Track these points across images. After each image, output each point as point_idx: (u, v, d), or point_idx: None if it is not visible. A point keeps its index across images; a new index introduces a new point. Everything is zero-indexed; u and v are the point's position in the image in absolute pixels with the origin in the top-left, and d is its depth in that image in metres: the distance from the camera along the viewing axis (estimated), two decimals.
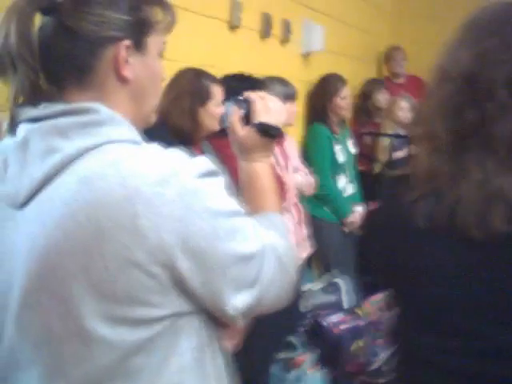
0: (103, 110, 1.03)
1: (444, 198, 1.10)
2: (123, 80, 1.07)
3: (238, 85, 2.85)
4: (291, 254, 1.16)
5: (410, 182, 1.16)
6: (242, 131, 1.32)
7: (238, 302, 1.03)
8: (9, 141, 1.06)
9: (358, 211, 4.29)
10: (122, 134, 1.03)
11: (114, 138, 1.01)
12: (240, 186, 1.29)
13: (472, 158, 1.10)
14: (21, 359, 1.04)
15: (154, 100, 1.16)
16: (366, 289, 4.04)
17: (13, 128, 1.06)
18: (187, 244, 0.97)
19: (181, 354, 1.03)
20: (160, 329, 1.00)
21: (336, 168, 4.24)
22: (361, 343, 3.64)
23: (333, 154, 4.23)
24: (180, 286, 0.99)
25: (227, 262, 1.01)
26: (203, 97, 2.68)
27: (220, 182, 1.06)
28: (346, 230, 4.25)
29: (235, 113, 1.33)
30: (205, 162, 1.04)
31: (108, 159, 0.98)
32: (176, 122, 2.62)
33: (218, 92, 2.72)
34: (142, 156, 1.00)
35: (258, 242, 1.06)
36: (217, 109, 2.64)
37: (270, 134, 1.30)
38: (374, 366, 3.75)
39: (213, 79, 2.75)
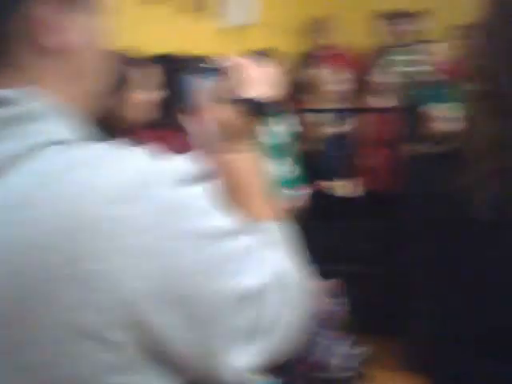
0: (24, 98, 0.73)
1: None
2: (50, 51, 0.75)
3: (174, 65, 2.54)
4: (300, 280, 0.88)
5: (460, 160, 0.91)
6: (214, 111, 1.00)
7: (240, 359, 0.76)
8: None
9: (302, 194, 4.11)
10: (57, 131, 0.74)
11: (45, 140, 0.71)
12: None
13: None
14: None
15: (98, 75, 0.84)
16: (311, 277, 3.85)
17: None
18: (164, 288, 0.69)
19: None
20: None
21: (276, 150, 4.00)
22: (316, 340, 3.47)
23: (271, 136, 3.98)
24: (156, 353, 0.70)
25: (222, 306, 0.74)
26: (120, 83, 2.35)
27: (206, 189, 0.77)
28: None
29: (206, 88, 1.00)
30: (183, 163, 0.76)
31: (38, 174, 0.68)
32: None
33: (136, 76, 2.41)
34: (91, 162, 0.70)
35: (259, 272, 0.79)
36: (137, 95, 2.35)
37: (259, 111, 0.98)
38: (331, 361, 3.59)
39: (129, 61, 2.42)
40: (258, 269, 0.79)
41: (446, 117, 4.09)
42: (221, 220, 0.77)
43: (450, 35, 4.79)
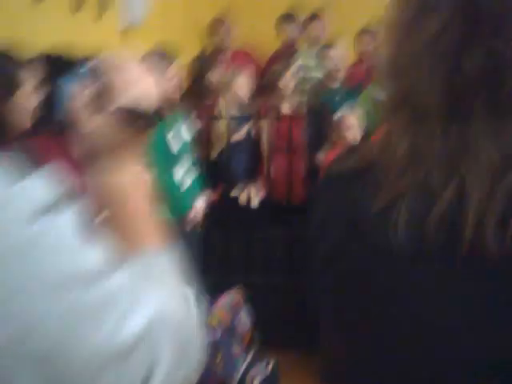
0: None
1: (437, 197, 0.78)
2: None
3: (62, 67, 2.35)
4: (191, 320, 0.78)
5: (373, 178, 0.82)
6: (92, 123, 0.83)
7: None
8: None
9: (199, 205, 3.93)
10: None
11: None
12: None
13: (480, 130, 0.79)
14: None
15: None
16: (212, 290, 3.73)
17: None
18: (21, 342, 0.61)
19: None
20: None
21: (171, 159, 3.79)
22: (219, 356, 3.32)
23: (165, 144, 3.76)
24: None
25: (95, 367, 0.64)
26: (7, 86, 2.15)
27: (74, 216, 0.68)
28: (187, 227, 3.83)
29: (78, 95, 0.85)
30: (47, 186, 0.67)
31: None
32: None
33: (27, 78, 2.21)
34: None
35: (140, 318, 0.69)
36: (27, 100, 2.17)
37: (141, 122, 0.85)
38: (236, 378, 3.48)
39: (19, 63, 2.25)
40: (142, 312, 0.69)
41: (354, 124, 4.05)
42: (87, 258, 0.68)
43: (359, 37, 4.84)
